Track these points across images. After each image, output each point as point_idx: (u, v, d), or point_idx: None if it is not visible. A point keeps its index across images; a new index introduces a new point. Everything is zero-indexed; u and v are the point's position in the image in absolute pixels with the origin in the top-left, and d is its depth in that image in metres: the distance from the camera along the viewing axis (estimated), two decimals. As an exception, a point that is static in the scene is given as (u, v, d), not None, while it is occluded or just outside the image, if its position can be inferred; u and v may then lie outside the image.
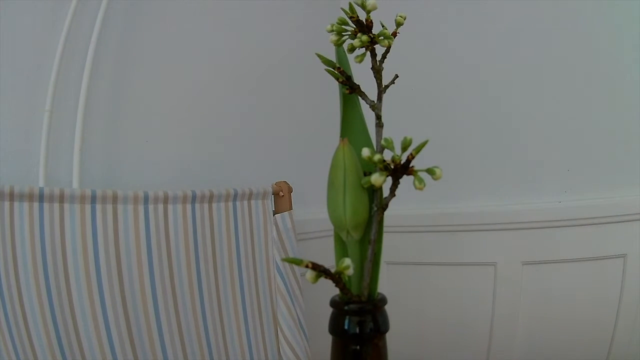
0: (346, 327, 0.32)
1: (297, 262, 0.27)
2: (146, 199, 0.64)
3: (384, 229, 0.35)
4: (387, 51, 0.37)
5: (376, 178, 0.31)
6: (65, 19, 0.64)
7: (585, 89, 0.91)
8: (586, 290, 0.89)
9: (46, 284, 0.54)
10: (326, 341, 0.35)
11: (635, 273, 0.85)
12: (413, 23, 0.66)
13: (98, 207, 0.59)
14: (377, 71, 0.38)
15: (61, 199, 0.56)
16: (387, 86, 0.38)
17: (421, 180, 0.31)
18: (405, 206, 1.02)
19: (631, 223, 0.85)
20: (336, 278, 0.30)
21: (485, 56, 1.00)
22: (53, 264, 0.55)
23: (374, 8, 0.35)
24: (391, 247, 1.06)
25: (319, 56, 0.37)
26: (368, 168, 0.34)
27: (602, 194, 0.89)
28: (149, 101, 0.76)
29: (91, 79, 0.66)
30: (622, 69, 0.87)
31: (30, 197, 0.54)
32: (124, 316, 0.60)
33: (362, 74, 0.44)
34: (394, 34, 0.37)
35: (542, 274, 0.92)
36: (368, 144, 0.37)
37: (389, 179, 0.32)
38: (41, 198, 0.55)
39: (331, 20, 0.37)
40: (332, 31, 0.37)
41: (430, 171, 0.31)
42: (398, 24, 0.37)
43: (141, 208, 0.63)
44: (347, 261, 0.29)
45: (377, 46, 0.37)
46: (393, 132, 0.36)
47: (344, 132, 0.38)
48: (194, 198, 0.69)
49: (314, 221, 0.97)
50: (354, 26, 0.36)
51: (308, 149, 1.04)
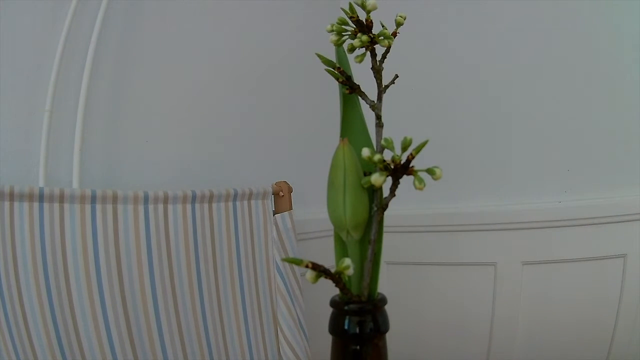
0: (346, 327, 0.32)
1: (297, 262, 0.27)
2: (146, 199, 0.64)
3: (384, 229, 0.35)
4: (387, 51, 0.37)
5: (376, 178, 0.31)
6: (65, 19, 0.64)
7: (585, 89, 0.91)
8: (586, 290, 0.89)
9: (46, 284, 0.54)
10: (326, 341, 0.35)
11: (635, 273, 0.85)
12: (413, 23, 0.66)
13: (98, 207, 0.59)
14: (377, 71, 0.38)
15: (61, 199, 0.56)
16: (387, 86, 0.38)
17: (421, 180, 0.31)
18: (405, 206, 1.02)
19: (631, 223, 0.85)
20: (336, 278, 0.30)
21: (485, 56, 1.00)
22: (53, 264, 0.55)
23: (374, 8, 0.35)
24: (391, 247, 1.06)
25: (319, 56, 0.37)
26: (368, 168, 0.34)
27: (602, 194, 0.89)
28: (149, 101, 0.76)
29: (91, 79, 0.66)
30: (622, 69, 0.87)
31: (30, 197, 0.54)
32: (124, 316, 0.60)
33: (362, 74, 0.44)
34: (394, 34, 0.37)
35: (542, 274, 0.92)
36: (368, 144, 0.37)
37: (389, 179, 0.32)
38: (41, 198, 0.55)
39: (331, 20, 0.37)
40: (332, 31, 0.37)
41: (430, 171, 0.31)
42: (398, 24, 0.37)
43: (141, 208, 0.63)
44: (347, 261, 0.29)
45: (377, 46, 0.37)
46: (393, 132, 0.36)
47: (344, 132, 0.38)
48: (194, 198, 0.69)
49: (314, 221, 0.97)
50: (354, 26, 0.36)
51: (308, 149, 1.04)
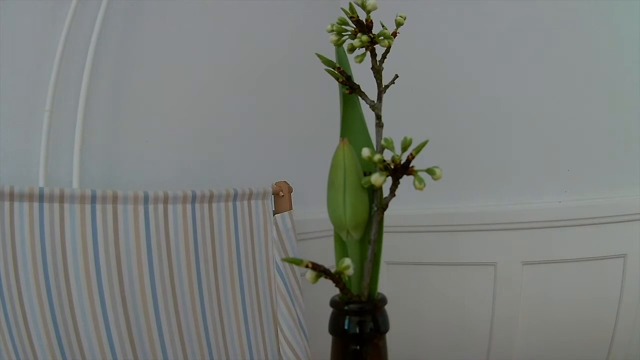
0: (346, 327, 0.32)
1: (297, 262, 0.27)
2: (146, 199, 0.64)
3: (384, 229, 0.35)
4: (387, 51, 0.37)
5: (376, 178, 0.31)
6: (65, 19, 0.64)
7: (585, 89, 0.91)
8: (586, 290, 0.89)
9: (46, 284, 0.54)
10: (326, 341, 0.35)
11: (635, 273, 0.85)
12: (413, 23, 0.66)
13: (98, 207, 0.59)
14: (377, 71, 0.38)
15: (61, 199, 0.56)
16: (387, 86, 0.38)
17: (421, 180, 0.31)
18: (405, 206, 1.02)
19: (631, 223, 0.85)
20: (336, 278, 0.30)
21: (485, 56, 1.00)
22: (53, 264, 0.55)
23: (374, 8, 0.35)
24: (391, 247, 1.06)
25: (319, 56, 0.37)
26: (368, 168, 0.34)
27: (602, 194, 0.88)
28: (149, 101, 0.76)
29: (91, 79, 0.66)
30: (622, 69, 0.87)
31: (30, 197, 0.54)
32: (124, 316, 0.60)
33: (362, 74, 0.44)
34: (394, 34, 0.37)
35: (542, 274, 0.92)
36: (368, 144, 0.37)
37: (389, 179, 0.32)
38: (41, 198, 0.55)
39: (331, 20, 0.37)
40: (332, 31, 0.37)
41: (430, 171, 0.31)
42: (398, 24, 0.37)
43: (141, 208, 0.63)
44: (347, 261, 0.29)
45: (377, 46, 0.37)
46: (393, 132, 0.36)
47: (344, 132, 0.38)
48: (194, 198, 0.69)
49: (314, 221, 0.97)
50: (354, 26, 0.36)
51: (308, 149, 1.04)
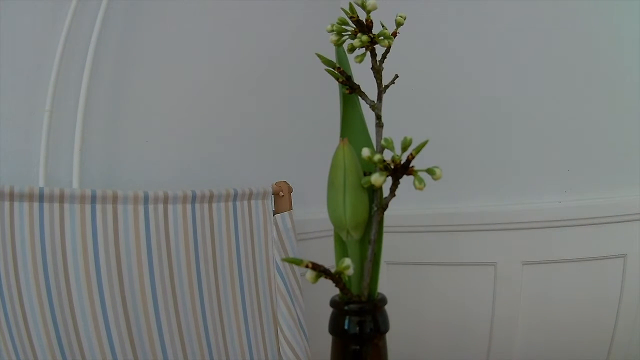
0: (346, 327, 0.32)
1: (297, 262, 0.27)
2: (146, 199, 0.64)
3: (384, 229, 0.35)
4: (387, 51, 0.37)
5: (376, 178, 0.31)
6: (65, 19, 0.64)
7: (585, 89, 0.91)
8: (586, 290, 0.89)
9: (46, 284, 0.54)
10: (326, 341, 0.35)
11: (635, 273, 0.85)
12: (413, 23, 0.66)
13: (98, 207, 0.59)
14: (377, 71, 0.38)
15: (61, 199, 0.56)
16: (387, 86, 0.38)
17: (421, 180, 0.31)
18: (405, 206, 1.02)
19: (631, 223, 0.85)
20: (336, 278, 0.30)
21: (485, 56, 1.00)
22: (53, 264, 0.55)
23: (374, 8, 0.35)
24: (391, 247, 1.06)
25: (319, 56, 0.37)
26: (368, 168, 0.34)
27: (602, 194, 0.88)
28: (149, 101, 0.76)
29: (91, 79, 0.66)
30: (622, 69, 0.87)
31: (30, 197, 0.54)
32: (124, 316, 0.60)
33: (362, 74, 0.44)
34: (394, 34, 0.37)
35: (542, 274, 0.92)
36: (368, 144, 0.37)
37: (389, 179, 0.32)
38: (41, 198, 0.55)
39: (331, 20, 0.37)
40: (332, 31, 0.37)
41: (430, 171, 0.31)
42: (398, 24, 0.37)
43: (141, 208, 0.63)
44: (347, 261, 0.29)
45: (377, 46, 0.37)
46: (393, 132, 0.36)
47: (344, 132, 0.38)
48: (194, 198, 0.69)
49: (314, 221, 0.97)
50: (354, 26, 0.36)
51: (308, 149, 1.04)
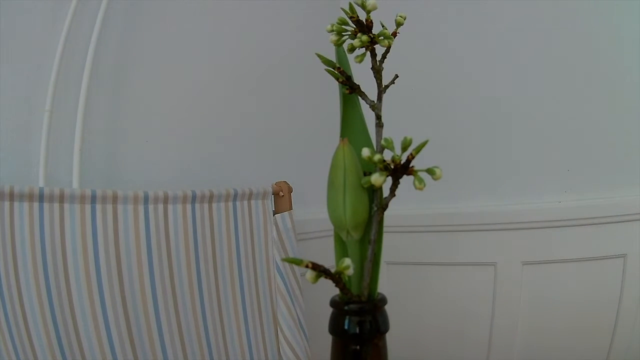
0: (346, 327, 0.32)
1: (297, 262, 0.27)
2: (146, 199, 0.64)
3: (384, 229, 0.35)
4: (387, 51, 0.37)
5: (376, 178, 0.31)
6: (65, 19, 0.64)
7: (585, 89, 0.91)
8: (586, 290, 0.89)
9: (46, 284, 0.54)
10: (326, 341, 0.35)
11: (635, 273, 0.85)
12: (413, 23, 0.66)
13: (98, 207, 0.59)
14: (377, 71, 0.38)
15: (61, 199, 0.56)
16: (387, 86, 0.38)
17: (421, 180, 0.31)
18: (405, 206, 1.02)
19: (631, 223, 0.85)
20: (336, 278, 0.30)
21: (485, 56, 1.00)
22: (53, 264, 0.55)
23: (374, 8, 0.35)
24: (391, 247, 1.06)
25: (319, 56, 0.37)
26: (368, 168, 0.34)
27: (602, 194, 0.88)
28: (149, 101, 0.76)
29: (91, 79, 0.66)
30: (622, 69, 0.87)
31: (30, 197, 0.54)
32: (124, 316, 0.60)
33: (362, 74, 0.44)
34: (394, 34, 0.37)
35: (542, 274, 0.92)
36: (368, 144, 0.37)
37: (389, 179, 0.32)
38: (41, 198, 0.55)
39: (331, 20, 0.37)
40: (332, 31, 0.37)
41: (430, 171, 0.31)
42: (398, 24, 0.37)
43: (141, 208, 0.63)
44: (347, 261, 0.29)
45: (377, 46, 0.37)
46: (393, 132, 0.36)
47: (344, 132, 0.38)
48: (194, 198, 0.69)
49: (314, 221, 0.97)
50: (354, 26, 0.36)
51: (308, 149, 1.04)
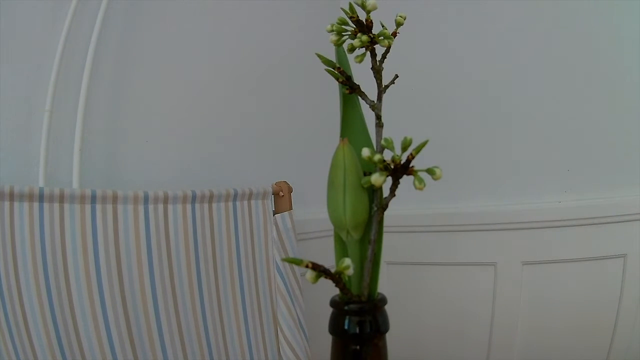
0: (346, 327, 0.32)
1: (297, 262, 0.27)
2: (146, 199, 0.64)
3: (384, 229, 0.35)
4: (387, 51, 0.37)
5: (376, 178, 0.31)
6: (65, 19, 0.64)
7: (585, 89, 0.91)
8: (586, 290, 0.89)
9: (46, 284, 0.54)
10: (326, 341, 0.35)
11: (635, 273, 0.85)
12: (413, 23, 0.66)
13: (98, 207, 0.59)
14: (377, 71, 0.38)
15: (61, 199, 0.56)
16: (387, 86, 0.38)
17: (421, 180, 0.31)
18: (405, 206, 1.02)
19: (631, 223, 0.85)
20: (336, 278, 0.30)
21: (485, 56, 1.00)
22: (53, 264, 0.55)
23: (374, 8, 0.35)
24: (391, 247, 1.06)
25: (319, 56, 0.37)
26: (368, 168, 0.34)
27: (602, 194, 0.88)
28: (149, 101, 0.76)
29: (91, 79, 0.66)
30: (622, 69, 0.87)
31: (30, 197, 0.54)
32: (124, 316, 0.60)
33: (362, 74, 0.44)
34: (394, 34, 0.37)
35: (542, 274, 0.92)
36: (368, 144, 0.37)
37: (389, 179, 0.32)
38: (41, 198, 0.55)
39: (331, 20, 0.37)
40: (332, 31, 0.37)
41: (430, 171, 0.31)
42: (398, 24, 0.37)
43: (141, 208, 0.63)
44: (347, 261, 0.29)
45: (377, 46, 0.37)
46: (393, 132, 0.36)
47: (344, 132, 0.38)
48: (194, 198, 0.69)
49: (314, 221, 0.97)
50: (354, 26, 0.36)
51: (308, 149, 1.04)
